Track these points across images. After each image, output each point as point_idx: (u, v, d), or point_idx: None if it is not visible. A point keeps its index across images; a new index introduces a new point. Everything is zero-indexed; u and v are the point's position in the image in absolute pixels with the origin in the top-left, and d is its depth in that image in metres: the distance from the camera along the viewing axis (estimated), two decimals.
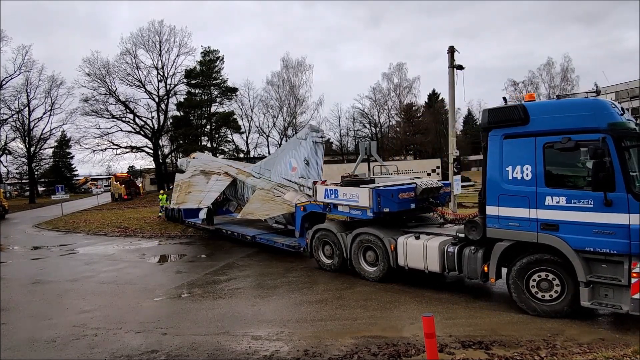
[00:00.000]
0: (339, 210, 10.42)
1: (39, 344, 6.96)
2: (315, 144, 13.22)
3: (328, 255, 10.91)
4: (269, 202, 13.20)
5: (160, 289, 10.13)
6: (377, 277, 9.56)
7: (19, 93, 48.40)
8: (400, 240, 9.09)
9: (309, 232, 11.25)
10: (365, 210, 9.51)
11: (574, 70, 60.62)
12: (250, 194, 15.17)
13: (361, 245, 9.85)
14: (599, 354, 5.39)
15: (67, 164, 75.80)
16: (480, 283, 9.25)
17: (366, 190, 9.43)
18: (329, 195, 10.56)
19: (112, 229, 22.24)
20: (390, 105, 64.82)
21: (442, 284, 8.94)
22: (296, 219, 11.82)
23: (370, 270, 9.75)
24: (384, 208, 9.19)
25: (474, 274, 7.91)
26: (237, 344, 6.54)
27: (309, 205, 11.44)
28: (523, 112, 7.10)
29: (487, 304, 7.88)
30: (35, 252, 17.20)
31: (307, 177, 13.26)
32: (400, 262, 9.07)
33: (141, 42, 49.49)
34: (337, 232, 10.49)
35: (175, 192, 16.16)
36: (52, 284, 11.41)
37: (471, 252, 7.93)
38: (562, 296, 6.89)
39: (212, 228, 17.35)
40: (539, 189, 6.94)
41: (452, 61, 19.60)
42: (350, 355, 5.89)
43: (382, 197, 9.18)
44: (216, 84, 53.30)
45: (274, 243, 13.29)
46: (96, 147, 49.79)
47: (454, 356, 5.68)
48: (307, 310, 8.06)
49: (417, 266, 8.77)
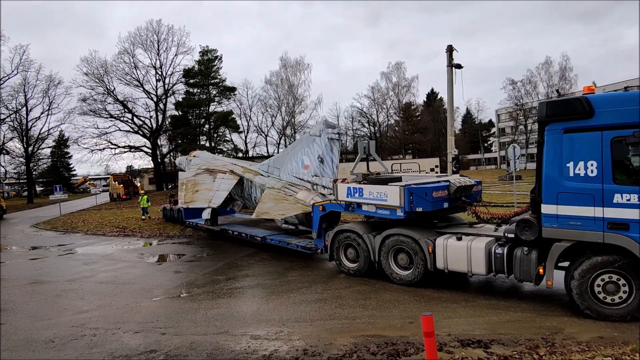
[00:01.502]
0: (363, 210, 9.77)
1: (37, 344, 6.93)
2: (331, 141, 12.44)
3: (351, 258, 10.21)
4: (281, 202, 12.69)
5: (159, 289, 10.11)
6: (411, 281, 8.96)
7: (17, 93, 48.52)
8: (439, 241, 8.52)
9: (329, 234, 10.56)
10: (395, 209, 8.90)
11: (572, 69, 60.86)
12: (258, 193, 14.74)
13: (392, 248, 9.23)
14: (598, 353, 5.39)
15: (65, 163, 75.77)
16: (483, 282, 9.29)
17: (396, 188, 8.82)
18: (352, 193, 9.89)
19: (111, 228, 22.21)
20: (389, 104, 64.92)
21: (441, 283, 8.93)
22: (313, 220, 11.19)
23: (404, 274, 9.11)
24: (416, 207, 8.60)
25: (527, 276, 7.41)
26: (236, 343, 6.52)
27: (328, 204, 10.76)
28: (587, 105, 6.62)
29: (486, 302, 7.88)
30: (33, 252, 17.15)
31: (321, 176, 12.67)
32: (438, 265, 8.51)
33: (139, 41, 49.59)
34: (363, 234, 9.76)
35: (181, 191, 15.60)
36: (50, 284, 11.38)
37: (523, 253, 7.43)
38: (629, 300, 6.50)
39: (217, 229, 16.80)
40: (606, 186, 6.49)
41: (450, 60, 19.63)
42: (350, 355, 5.88)
43: (415, 196, 8.60)
44: (214, 84, 53.32)
45: (287, 244, 12.64)
46: (94, 146, 49.89)
47: (453, 355, 5.67)
48: (306, 309, 8.06)
49: (460, 269, 8.25)
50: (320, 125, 13.00)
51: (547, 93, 62.13)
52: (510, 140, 66.56)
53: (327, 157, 12.56)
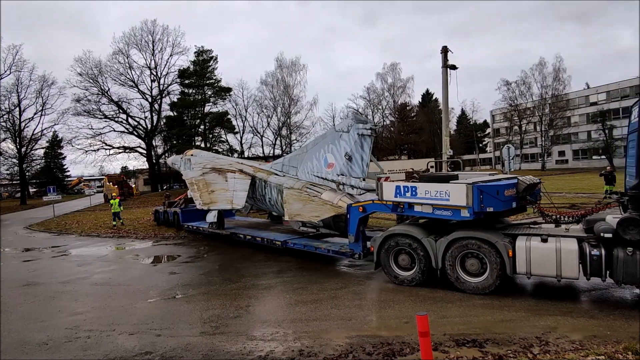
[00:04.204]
0: (416, 211, 8.93)
1: (30, 346, 6.88)
2: (362, 137, 11.33)
3: (405, 266, 9.20)
4: (309, 203, 11.77)
5: (154, 290, 10.07)
6: (486, 289, 8.14)
7: (10, 93, 48.07)
8: (520, 243, 7.79)
9: (376, 238, 9.52)
10: (458, 210, 8.11)
11: (566, 70, 61.37)
12: (274, 194, 13.91)
13: (460, 253, 8.41)
14: (591, 351, 5.44)
15: (58, 164, 75.24)
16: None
17: (462, 186, 8.02)
18: (402, 193, 8.97)
19: (105, 230, 22.08)
20: (384, 105, 65.10)
21: (436, 283, 8.95)
22: (350, 222, 10.26)
23: (475, 281, 8.29)
24: (487, 207, 7.84)
25: (632, 278, 6.83)
26: (232, 344, 6.51)
27: (370, 205, 9.82)
28: None
29: (481, 302, 7.92)
30: (27, 254, 17.01)
31: (348, 175, 11.67)
32: (519, 270, 7.80)
33: (134, 41, 49.34)
34: (422, 238, 8.83)
35: (194, 191, 14.36)
36: (44, 285, 11.30)
37: (627, 254, 6.85)
38: None
39: (226, 233, 15.55)
40: None
41: (445, 61, 19.72)
42: (345, 355, 5.90)
43: (486, 195, 7.82)
44: (210, 84, 53.14)
45: (315, 249, 11.75)
46: (88, 147, 49.53)
47: (448, 354, 5.70)
48: (302, 310, 8.06)
49: (546, 273, 7.61)
50: (348, 120, 11.87)
51: (540, 94, 62.62)
52: (504, 140, 66.99)
53: (357, 154, 11.52)
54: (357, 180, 11.53)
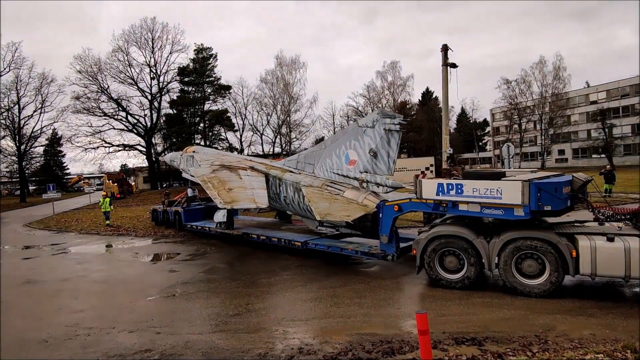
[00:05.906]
0: (460, 210, 8.46)
1: (30, 344, 6.89)
2: (388, 132, 10.75)
3: (452, 268, 8.74)
4: (334, 202, 11.20)
5: (153, 288, 10.07)
6: (546, 292, 7.82)
7: (9, 90, 47.86)
8: (584, 243, 7.50)
9: (420, 240, 9.04)
10: (512, 209, 7.73)
11: (566, 69, 61.25)
12: (290, 192, 13.29)
13: (516, 254, 8.05)
14: (590, 349, 5.46)
15: (58, 162, 75.12)
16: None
17: (518, 183, 7.64)
18: (445, 191, 8.53)
19: (105, 227, 22.07)
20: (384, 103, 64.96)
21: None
22: (382, 221, 9.79)
23: (532, 283, 7.93)
24: (544, 206, 7.47)
25: None
26: (231, 342, 6.52)
27: (407, 204, 9.36)
28: None
29: (480, 300, 7.93)
30: (26, 252, 17.01)
31: (373, 172, 11.13)
32: (583, 271, 7.52)
33: (133, 39, 49.11)
34: (473, 239, 8.43)
35: (210, 190, 13.22)
36: (44, 283, 11.30)
37: None
38: None
39: (237, 234, 14.76)
40: None
41: (445, 59, 19.68)
42: (345, 353, 5.91)
43: (544, 192, 7.46)
44: (209, 82, 53.02)
45: (341, 250, 11.19)
46: (88, 145, 49.34)
47: (448, 352, 5.72)
48: (301, 308, 8.07)
49: (613, 274, 7.40)
50: (374, 115, 11.28)
51: (541, 92, 62.54)
52: (504, 139, 66.94)
53: (383, 150, 10.95)
54: (382, 177, 11.03)
